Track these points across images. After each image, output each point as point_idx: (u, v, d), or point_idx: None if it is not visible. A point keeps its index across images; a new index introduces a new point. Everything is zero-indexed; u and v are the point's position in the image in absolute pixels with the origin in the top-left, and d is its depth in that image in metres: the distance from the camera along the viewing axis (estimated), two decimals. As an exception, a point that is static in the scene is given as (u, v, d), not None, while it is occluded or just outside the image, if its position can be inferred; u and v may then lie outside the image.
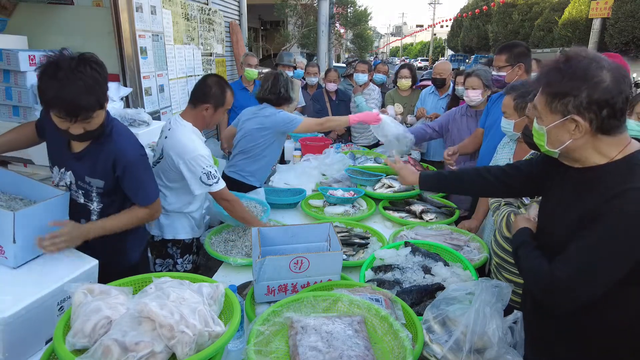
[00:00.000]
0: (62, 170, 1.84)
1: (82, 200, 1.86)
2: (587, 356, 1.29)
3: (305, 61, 6.24)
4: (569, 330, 1.30)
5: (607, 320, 1.22)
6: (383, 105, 4.56)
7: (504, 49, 2.73)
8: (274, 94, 2.91)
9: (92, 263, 1.66)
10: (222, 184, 2.18)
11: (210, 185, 2.14)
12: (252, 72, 4.52)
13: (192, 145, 2.15)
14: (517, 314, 1.41)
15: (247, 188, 2.89)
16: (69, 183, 1.84)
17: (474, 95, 3.08)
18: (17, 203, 1.74)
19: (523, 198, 1.80)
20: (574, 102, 1.13)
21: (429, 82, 4.59)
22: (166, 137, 2.25)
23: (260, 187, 2.92)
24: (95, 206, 1.87)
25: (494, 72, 2.78)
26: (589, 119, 1.13)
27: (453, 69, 4.85)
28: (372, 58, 32.13)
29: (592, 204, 1.15)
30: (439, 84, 4.15)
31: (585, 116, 1.13)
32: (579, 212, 1.18)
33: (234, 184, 2.86)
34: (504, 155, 2.40)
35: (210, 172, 2.14)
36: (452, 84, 4.12)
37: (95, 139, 1.77)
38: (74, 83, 1.54)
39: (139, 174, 1.84)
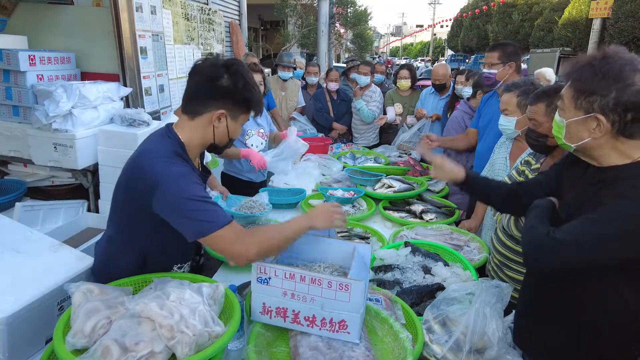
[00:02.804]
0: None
1: None
2: (580, 346, 1.29)
3: (303, 61, 6.25)
4: (565, 323, 1.30)
5: (605, 310, 1.23)
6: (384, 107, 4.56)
7: (496, 47, 2.74)
8: None
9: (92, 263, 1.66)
10: None
11: None
12: None
13: None
14: (511, 317, 1.42)
15: (243, 184, 3.10)
16: None
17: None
18: None
19: None
20: (600, 102, 1.13)
21: (428, 82, 4.58)
22: None
23: (257, 181, 3.15)
24: None
25: (484, 70, 2.77)
26: (612, 121, 1.13)
27: (453, 69, 4.85)
28: (373, 58, 32.06)
29: (608, 194, 1.16)
30: (439, 88, 4.15)
31: (609, 117, 1.12)
32: (592, 206, 1.19)
33: (230, 181, 3.10)
34: (500, 155, 2.40)
35: None
36: (452, 84, 4.12)
37: None
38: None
39: None
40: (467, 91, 3.54)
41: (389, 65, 5.54)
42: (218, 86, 1.40)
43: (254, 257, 1.30)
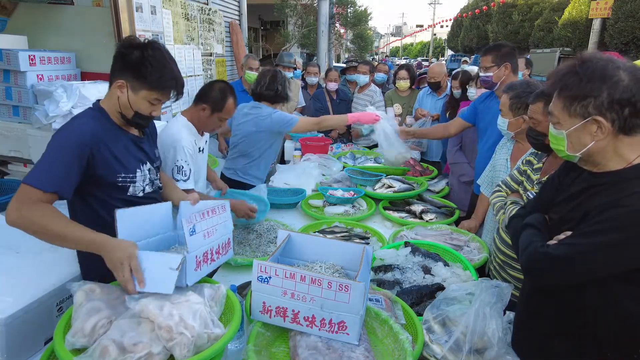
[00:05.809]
0: (143, 167, 1.70)
1: (159, 182, 1.83)
2: (580, 351, 1.28)
3: (301, 60, 6.25)
4: (564, 327, 1.30)
5: (605, 320, 1.22)
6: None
7: (489, 51, 2.74)
8: (272, 90, 2.88)
9: (92, 263, 1.66)
10: (188, 185, 2.14)
11: (177, 180, 2.11)
12: (253, 76, 4.50)
13: (178, 135, 2.19)
14: (510, 315, 1.41)
15: (249, 187, 2.89)
16: (149, 175, 1.73)
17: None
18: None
19: (529, 195, 1.80)
20: (594, 103, 1.13)
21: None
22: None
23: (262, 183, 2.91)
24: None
25: (481, 73, 2.77)
26: (611, 119, 1.13)
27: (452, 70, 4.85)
28: (374, 58, 32.00)
29: (600, 202, 1.16)
30: (434, 87, 4.15)
31: (608, 116, 1.13)
32: (586, 210, 1.18)
33: (234, 185, 2.88)
34: (502, 156, 2.41)
35: (182, 168, 2.15)
36: (448, 84, 4.11)
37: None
38: (175, 63, 1.64)
39: None
40: (471, 92, 3.53)
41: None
42: (122, 60, 1.58)
43: (11, 223, 1.33)
